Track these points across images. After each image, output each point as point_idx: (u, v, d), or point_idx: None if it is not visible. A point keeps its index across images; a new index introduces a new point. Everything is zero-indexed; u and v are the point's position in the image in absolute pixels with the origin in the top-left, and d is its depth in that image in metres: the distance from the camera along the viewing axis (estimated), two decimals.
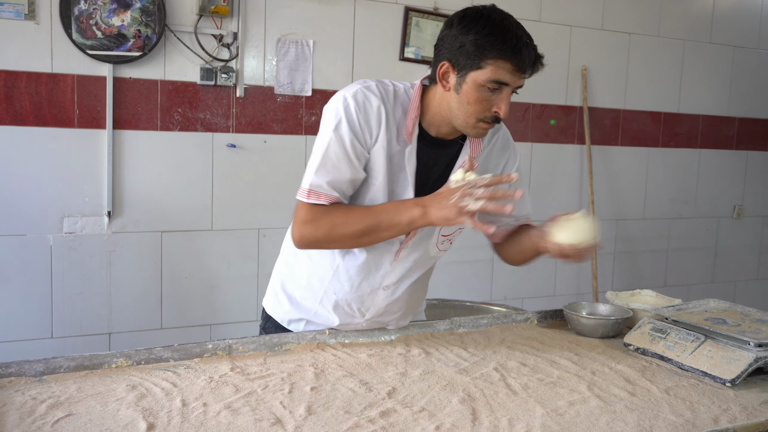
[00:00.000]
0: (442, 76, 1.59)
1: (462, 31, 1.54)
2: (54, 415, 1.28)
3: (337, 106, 1.60)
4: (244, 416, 1.30)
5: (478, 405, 1.41)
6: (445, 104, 1.61)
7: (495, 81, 1.53)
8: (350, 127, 1.59)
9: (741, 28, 4.57)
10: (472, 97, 1.55)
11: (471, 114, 1.57)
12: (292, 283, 1.83)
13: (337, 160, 1.59)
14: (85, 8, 2.92)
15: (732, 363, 1.60)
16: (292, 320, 1.84)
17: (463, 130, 1.63)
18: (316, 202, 1.60)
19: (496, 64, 1.52)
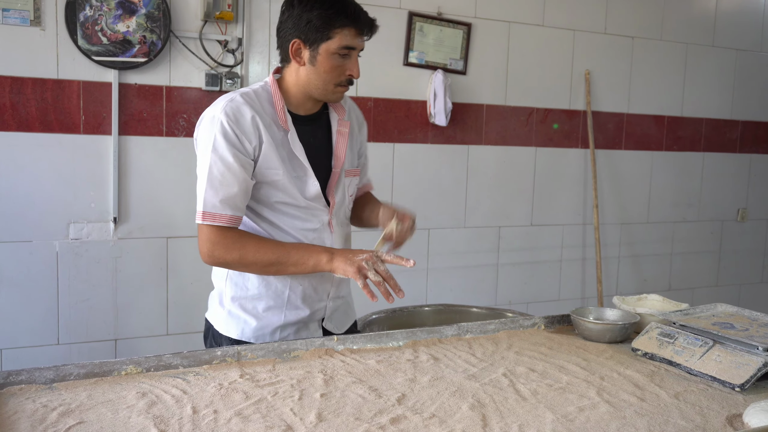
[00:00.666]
0: (295, 53, 1.77)
1: (305, 9, 1.74)
2: (65, 422, 1.28)
3: (211, 126, 1.74)
4: (254, 423, 1.31)
5: (488, 411, 1.41)
6: (303, 78, 1.79)
7: (345, 47, 1.75)
8: (228, 141, 1.72)
9: (744, 31, 4.58)
10: (328, 65, 1.76)
11: (329, 81, 1.78)
12: (251, 300, 1.87)
13: (222, 177, 1.72)
14: (90, 14, 2.93)
15: (741, 368, 1.60)
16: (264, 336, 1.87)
17: (323, 98, 1.83)
18: (212, 224, 1.72)
19: (343, 32, 1.74)
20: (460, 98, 3.73)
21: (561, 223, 4.12)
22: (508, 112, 3.89)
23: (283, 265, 1.76)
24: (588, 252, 4.20)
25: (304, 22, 1.74)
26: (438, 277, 3.79)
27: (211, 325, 1.93)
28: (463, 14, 3.70)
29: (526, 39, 3.88)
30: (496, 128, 3.87)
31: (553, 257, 4.12)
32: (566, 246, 4.15)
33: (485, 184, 3.89)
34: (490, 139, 3.87)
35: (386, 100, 3.57)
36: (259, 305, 1.87)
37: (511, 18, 3.81)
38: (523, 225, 4.02)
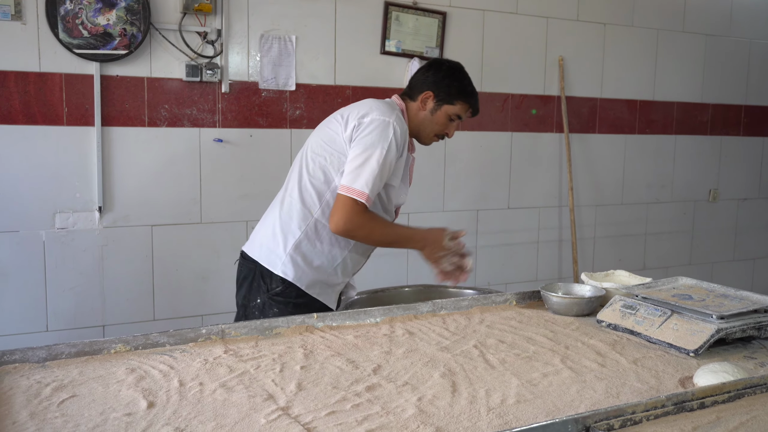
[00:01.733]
0: (423, 100, 2.27)
1: (450, 76, 2.27)
2: (59, 396, 1.36)
3: (387, 130, 2.14)
4: (238, 393, 1.39)
5: (457, 378, 1.50)
6: (419, 120, 2.29)
7: (458, 115, 2.29)
8: (397, 148, 2.15)
9: (713, 16, 4.69)
10: (441, 120, 2.29)
11: (434, 131, 2.31)
12: (311, 254, 2.20)
13: (384, 174, 2.13)
14: (70, 8, 2.98)
15: (695, 335, 1.70)
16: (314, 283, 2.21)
17: (422, 140, 2.34)
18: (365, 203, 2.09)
19: (463, 105, 2.28)
20: None
21: (537, 206, 4.23)
22: (484, 98, 3.97)
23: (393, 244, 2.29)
24: (564, 233, 4.31)
25: (445, 85, 2.25)
26: (418, 259, 3.86)
27: (261, 266, 2.21)
28: (438, 3, 3.77)
29: (501, 27, 3.96)
30: None
31: (530, 239, 4.22)
32: (543, 228, 4.26)
33: (463, 169, 3.98)
34: (467, 124, 3.94)
35: (364, 88, 3.65)
36: (315, 260, 2.21)
37: (485, 6, 3.89)
38: (501, 208, 4.12)
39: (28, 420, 1.25)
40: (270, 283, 2.18)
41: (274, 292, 2.18)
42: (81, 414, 1.28)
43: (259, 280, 2.20)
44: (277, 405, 1.34)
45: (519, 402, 1.38)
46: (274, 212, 2.26)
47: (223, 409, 1.31)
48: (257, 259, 2.21)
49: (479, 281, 4.07)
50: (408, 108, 2.29)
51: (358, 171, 2.09)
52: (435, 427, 1.25)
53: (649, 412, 1.26)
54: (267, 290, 2.18)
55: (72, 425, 1.23)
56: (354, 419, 1.28)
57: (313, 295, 2.21)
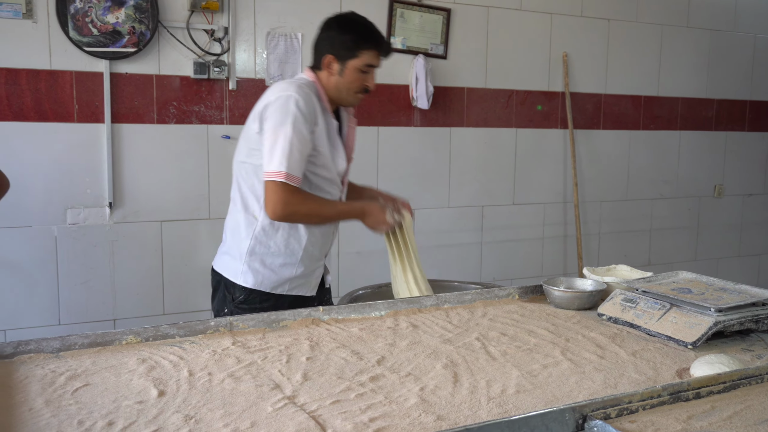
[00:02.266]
0: (327, 65, 2.20)
1: (341, 32, 2.20)
2: (73, 385, 1.40)
3: (288, 104, 2.09)
4: (246, 383, 1.43)
5: (459, 369, 1.54)
6: (332, 85, 2.23)
7: (367, 65, 2.20)
8: (304, 117, 2.10)
9: (717, 11, 4.70)
10: (352, 77, 2.20)
11: (351, 90, 2.23)
12: (271, 256, 2.22)
13: (302, 147, 2.10)
14: (80, 6, 3.03)
15: (694, 327, 1.73)
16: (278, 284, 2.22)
17: (345, 102, 2.27)
18: (291, 184, 2.08)
19: (368, 53, 2.19)
20: (442, 82, 3.84)
21: (542, 202, 4.26)
22: (489, 94, 4.01)
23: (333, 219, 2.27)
24: (569, 229, 4.34)
25: (339, 42, 2.18)
26: (423, 255, 3.88)
27: (225, 277, 2.27)
28: (442, 0, 3.80)
29: (505, 23, 3.99)
30: (477, 110, 3.99)
31: (535, 235, 4.25)
32: (548, 224, 4.29)
33: (468, 165, 4.01)
34: (472, 121, 3.99)
35: None
36: (276, 261, 2.22)
37: (489, 3, 3.91)
38: (506, 204, 4.15)
39: (44, 407, 1.29)
40: (234, 293, 2.23)
41: (238, 301, 2.23)
42: (94, 401, 1.32)
43: (224, 291, 2.27)
44: (283, 394, 1.38)
45: (519, 392, 1.41)
46: (227, 224, 2.33)
47: (231, 398, 1.35)
48: (220, 272, 2.29)
49: (485, 276, 4.11)
50: (319, 77, 2.24)
51: (271, 153, 2.09)
52: (436, 416, 1.29)
53: (645, 402, 1.29)
54: (232, 300, 2.24)
55: (86, 412, 1.27)
56: (358, 408, 1.31)
57: (284, 293, 2.24)
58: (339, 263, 3.67)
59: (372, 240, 3.75)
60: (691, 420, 1.25)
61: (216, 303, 2.34)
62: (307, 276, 2.29)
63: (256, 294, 2.22)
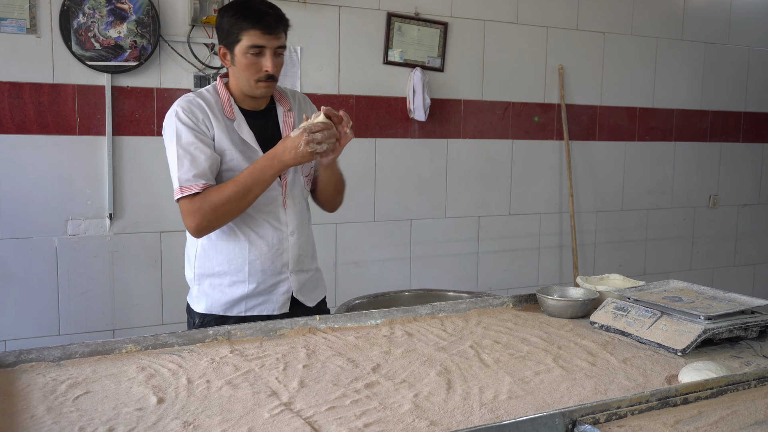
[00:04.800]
0: (223, 57, 2.03)
1: (220, 19, 2.00)
2: (74, 392, 1.43)
3: (170, 119, 2.00)
4: (243, 390, 1.46)
5: (453, 377, 1.57)
6: (234, 78, 2.04)
7: (253, 46, 1.95)
8: (187, 126, 1.96)
9: (711, 24, 4.76)
10: (243, 64, 1.97)
11: (249, 77, 1.99)
12: (217, 277, 2.09)
13: (191, 155, 1.95)
14: (83, 21, 3.08)
15: (683, 335, 1.76)
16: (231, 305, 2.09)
17: (251, 93, 2.03)
18: (189, 194, 1.94)
19: (248, 33, 1.94)
20: (439, 94, 3.89)
21: (538, 212, 4.29)
22: (485, 106, 4.06)
23: (249, 192, 1.95)
24: (565, 239, 4.37)
25: (222, 30, 2.00)
26: (420, 265, 3.96)
27: (187, 304, 2.16)
28: (439, 14, 3.86)
29: (501, 36, 4.04)
30: (474, 122, 4.03)
31: (531, 245, 4.29)
32: (544, 234, 4.32)
33: (464, 176, 4.05)
34: (468, 132, 4.03)
35: (367, 97, 3.73)
36: (224, 281, 2.08)
37: (486, 16, 3.97)
38: (502, 214, 4.18)
39: (45, 414, 1.32)
40: (194, 319, 2.13)
41: (196, 326, 2.12)
42: (95, 409, 1.35)
43: (189, 315, 2.17)
44: (280, 401, 1.41)
45: (510, 398, 1.45)
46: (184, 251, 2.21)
47: (229, 405, 1.38)
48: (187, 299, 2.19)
49: (481, 286, 4.14)
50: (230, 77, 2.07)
51: (171, 175, 1.99)
52: (429, 421, 1.32)
53: (634, 407, 1.32)
54: (193, 324, 2.14)
55: (86, 419, 1.30)
56: (353, 414, 1.34)
57: (242, 314, 2.09)
58: (336, 273, 3.70)
59: (369, 250, 3.80)
60: (678, 425, 1.28)
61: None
62: (266, 293, 2.10)
63: (210, 318, 2.09)
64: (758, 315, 1.87)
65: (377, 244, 3.82)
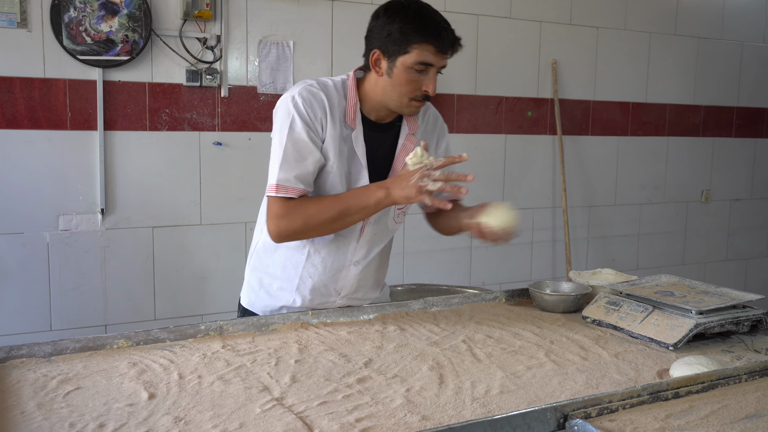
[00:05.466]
0: (375, 63, 1.80)
1: (388, 21, 1.76)
2: (64, 388, 1.43)
3: (287, 105, 1.81)
4: (235, 385, 1.46)
5: (445, 371, 1.57)
6: (380, 89, 1.82)
7: (421, 63, 1.75)
8: (303, 121, 1.79)
9: (705, 19, 4.76)
10: (403, 78, 1.77)
11: (404, 94, 1.79)
12: (268, 276, 2.00)
13: (298, 154, 1.79)
14: (74, 15, 3.06)
15: (675, 329, 1.77)
16: (273, 311, 2.00)
17: (398, 110, 1.84)
18: (284, 196, 1.79)
19: (421, 47, 1.73)
20: None
21: (531, 207, 4.30)
22: (478, 101, 4.06)
23: (346, 217, 1.80)
24: (558, 234, 4.38)
25: (386, 34, 1.76)
26: (414, 260, 3.95)
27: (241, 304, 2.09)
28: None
29: (494, 31, 4.03)
30: (467, 117, 4.03)
31: (524, 240, 4.29)
32: (537, 229, 4.33)
33: (457, 171, 4.04)
34: (462, 127, 4.03)
35: None
36: (274, 283, 1.99)
37: (479, 11, 3.96)
38: None
39: (36, 410, 1.32)
40: (239, 311, 2.08)
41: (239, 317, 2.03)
42: (85, 404, 1.35)
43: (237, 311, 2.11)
44: (271, 396, 1.40)
45: (502, 392, 1.45)
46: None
47: (221, 400, 1.38)
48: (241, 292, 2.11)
49: (474, 281, 4.14)
50: (367, 81, 1.86)
51: (270, 165, 1.83)
52: (421, 416, 1.32)
53: (625, 401, 1.33)
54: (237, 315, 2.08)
55: (77, 414, 1.30)
56: (345, 409, 1.35)
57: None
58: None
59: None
60: (669, 419, 1.29)
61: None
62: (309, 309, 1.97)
63: (249, 314, 2.01)
64: (749, 309, 1.88)
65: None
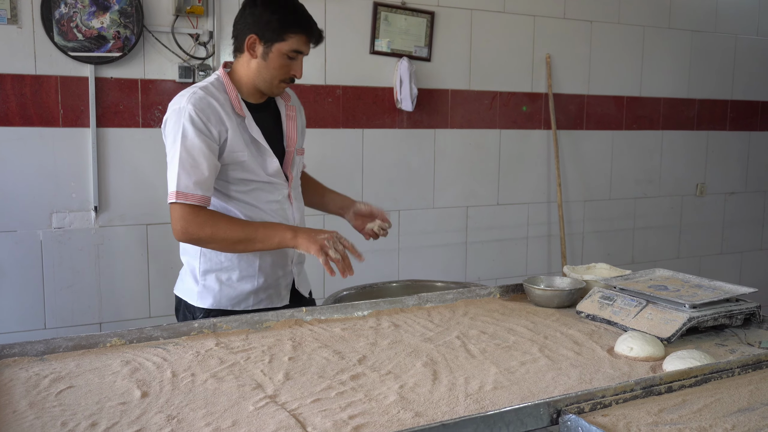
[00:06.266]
0: (250, 46, 2.00)
1: (267, 10, 1.98)
2: (57, 387, 1.42)
3: (179, 116, 1.93)
4: (228, 383, 1.46)
5: (439, 367, 1.57)
6: (253, 71, 2.02)
7: (294, 50, 2.00)
8: (195, 128, 1.92)
9: (698, 12, 4.76)
10: (277, 63, 2.00)
11: (275, 77, 2.02)
12: (225, 272, 2.07)
13: (193, 161, 1.91)
14: (65, 12, 3.04)
15: (669, 323, 1.77)
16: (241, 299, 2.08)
17: (267, 91, 2.06)
18: (185, 202, 1.90)
19: (297, 37, 1.98)
20: (426, 84, 3.88)
21: (526, 202, 4.30)
22: (473, 96, 4.05)
23: (250, 242, 1.96)
24: (553, 229, 4.38)
25: (264, 21, 1.97)
26: (409, 256, 3.95)
27: (184, 300, 2.12)
28: (426, 3, 3.84)
29: (488, 25, 4.03)
30: (462, 112, 4.03)
31: (519, 235, 4.29)
32: (532, 224, 4.33)
33: (452, 166, 4.05)
34: (456, 122, 4.02)
35: (354, 87, 3.71)
36: (233, 275, 2.06)
37: (473, 6, 3.95)
38: (490, 204, 4.18)
39: (28, 409, 1.31)
40: (194, 314, 2.09)
41: None
42: (78, 403, 1.35)
43: (186, 312, 2.13)
44: (265, 393, 1.40)
45: (496, 388, 1.45)
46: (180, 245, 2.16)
47: (214, 398, 1.38)
48: (179, 295, 2.15)
49: (469, 277, 4.14)
50: (238, 65, 2.05)
51: (169, 174, 1.95)
52: (414, 412, 1.32)
53: (618, 396, 1.33)
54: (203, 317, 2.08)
55: (69, 413, 1.30)
56: (338, 406, 1.34)
57: (249, 308, 2.07)
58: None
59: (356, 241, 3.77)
60: (662, 413, 1.29)
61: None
62: (274, 286, 2.12)
63: (217, 313, 2.04)
64: (743, 303, 1.89)
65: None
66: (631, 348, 1.65)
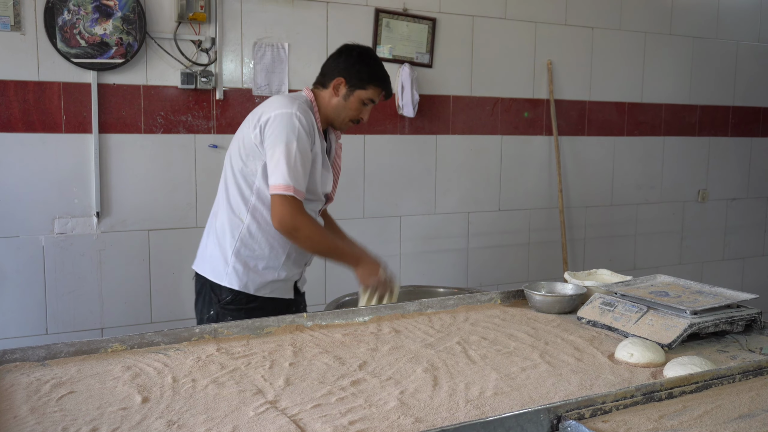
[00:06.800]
0: (336, 86, 2.32)
1: (361, 62, 2.34)
2: (58, 392, 1.43)
3: (292, 120, 2.20)
4: (229, 388, 1.46)
5: (439, 373, 1.57)
6: (332, 106, 2.35)
7: (370, 99, 2.35)
8: (307, 135, 2.21)
9: (699, 19, 4.77)
10: (353, 105, 2.34)
11: (348, 116, 2.36)
12: (254, 259, 2.29)
13: (304, 164, 2.20)
14: (68, 18, 3.05)
15: (669, 329, 1.77)
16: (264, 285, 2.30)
17: (337, 125, 2.39)
18: (295, 195, 2.16)
19: (376, 89, 2.34)
20: (427, 90, 3.88)
21: (528, 208, 4.30)
22: (474, 102, 4.06)
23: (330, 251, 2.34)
24: (554, 235, 4.38)
25: (355, 70, 2.31)
26: (410, 261, 3.95)
27: (209, 280, 2.31)
28: (427, 9, 3.85)
29: (490, 32, 4.04)
30: (463, 118, 4.03)
31: (520, 240, 4.29)
32: (533, 229, 4.33)
33: (454, 172, 4.05)
34: (457, 128, 4.03)
35: None
36: (260, 264, 2.29)
37: (474, 12, 3.96)
38: (492, 210, 4.18)
39: (29, 414, 1.32)
40: (220, 295, 2.28)
41: (224, 302, 2.28)
42: (79, 408, 1.35)
43: (210, 293, 2.30)
44: (265, 399, 1.40)
45: (496, 394, 1.45)
46: (211, 226, 2.38)
47: (214, 403, 1.38)
48: (205, 275, 2.33)
49: (471, 282, 4.14)
50: (319, 96, 2.35)
51: (278, 167, 2.16)
52: (414, 418, 1.32)
53: (619, 402, 1.33)
54: (218, 301, 2.29)
55: (70, 419, 1.30)
56: (338, 411, 1.34)
57: (266, 296, 2.30)
58: (326, 270, 3.69)
59: None
60: (663, 419, 1.29)
61: (200, 305, 2.36)
62: (288, 280, 2.36)
63: (243, 296, 2.27)
64: (744, 309, 1.89)
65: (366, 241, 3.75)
66: (631, 354, 1.65)
